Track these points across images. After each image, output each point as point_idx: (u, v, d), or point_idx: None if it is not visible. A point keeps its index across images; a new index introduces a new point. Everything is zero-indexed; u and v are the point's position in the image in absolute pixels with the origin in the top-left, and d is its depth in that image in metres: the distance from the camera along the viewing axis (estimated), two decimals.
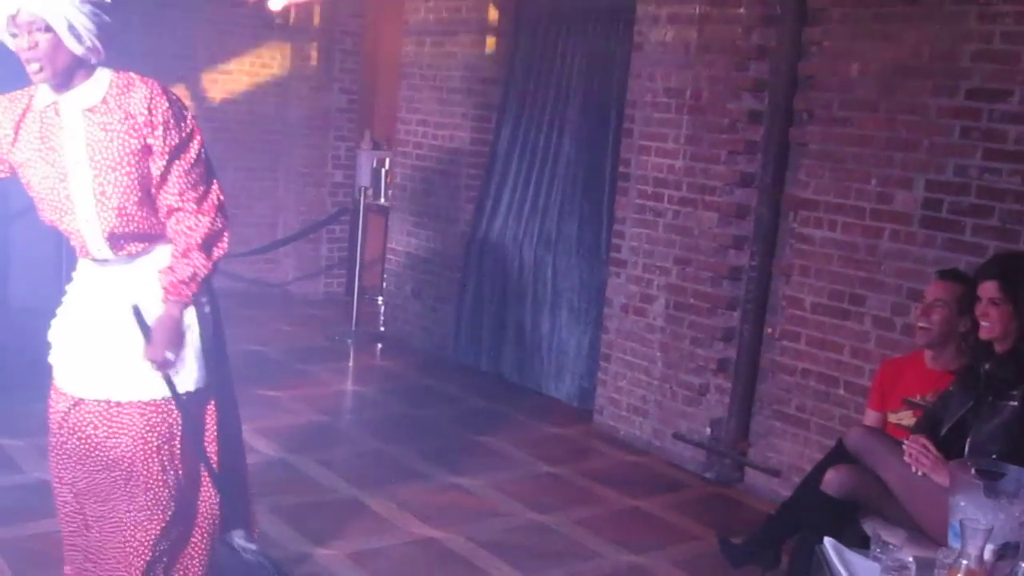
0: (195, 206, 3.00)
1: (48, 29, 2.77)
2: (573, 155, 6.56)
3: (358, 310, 7.78)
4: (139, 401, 3.04)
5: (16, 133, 2.96)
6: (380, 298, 8.14)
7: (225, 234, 3.07)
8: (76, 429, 3.06)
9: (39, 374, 6.22)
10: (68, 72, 2.86)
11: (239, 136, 8.63)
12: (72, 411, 3.07)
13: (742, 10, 5.26)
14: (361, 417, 6.19)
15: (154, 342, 2.98)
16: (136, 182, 2.92)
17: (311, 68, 8.80)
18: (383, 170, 8.30)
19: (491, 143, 7.14)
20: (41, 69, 2.82)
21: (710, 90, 5.43)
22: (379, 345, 7.71)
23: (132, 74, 2.97)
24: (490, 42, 7.07)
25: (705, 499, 5.26)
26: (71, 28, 2.78)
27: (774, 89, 5.17)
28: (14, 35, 2.83)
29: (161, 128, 2.90)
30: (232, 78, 8.63)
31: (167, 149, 2.93)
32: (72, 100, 2.91)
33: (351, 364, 7.28)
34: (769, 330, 5.28)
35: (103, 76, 2.92)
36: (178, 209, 2.99)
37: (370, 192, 8.11)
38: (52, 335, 3.15)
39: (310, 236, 8.79)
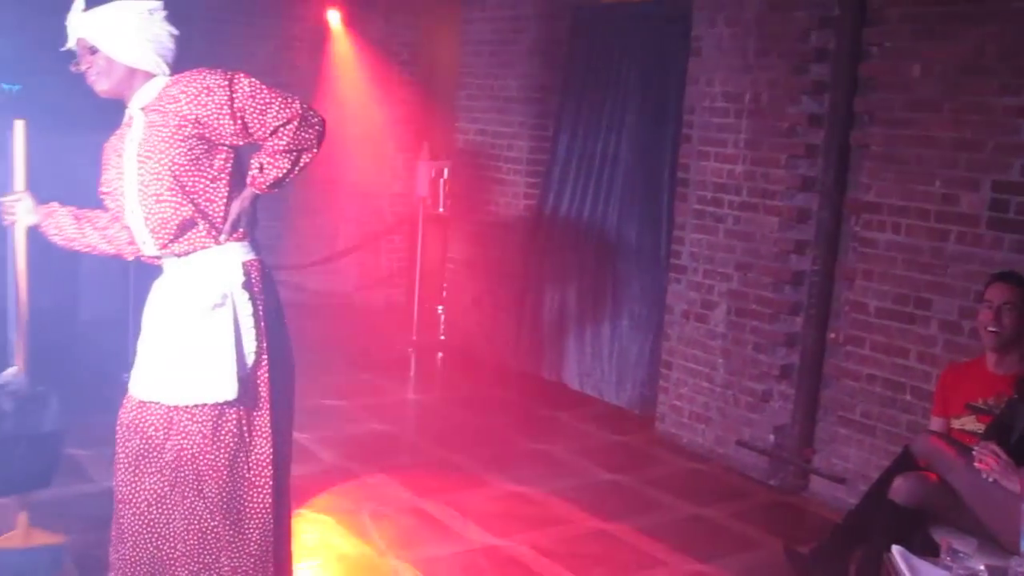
0: (270, 133, 3.12)
1: (95, 49, 3.08)
2: (631, 161, 6.55)
3: (419, 319, 7.82)
4: (187, 405, 3.10)
5: (106, 155, 3.24)
6: (440, 307, 8.18)
7: (309, 130, 3.19)
8: (139, 431, 3.14)
9: (107, 385, 6.34)
10: (127, 81, 3.12)
11: None
12: (136, 413, 3.15)
13: (800, 12, 5.22)
14: (423, 425, 6.22)
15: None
16: (167, 168, 3.04)
17: (369, 79, 8.86)
18: (442, 180, 8.34)
19: (549, 151, 7.15)
20: (98, 83, 3.11)
21: (769, 94, 5.39)
22: (440, 354, 7.75)
23: (185, 73, 3.14)
24: (546, 50, 7.08)
25: (769, 507, 5.20)
26: (113, 42, 3.06)
27: (834, 92, 5.11)
28: (77, 64, 3.12)
29: (204, 95, 3.04)
30: (291, 91, 8.70)
31: (218, 106, 3.04)
32: (134, 104, 3.15)
33: (412, 373, 7.32)
34: (832, 335, 5.21)
35: (160, 80, 3.14)
36: (263, 139, 3.14)
37: (429, 202, 8.16)
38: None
39: (370, 246, 8.86)
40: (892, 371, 4.88)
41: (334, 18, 8.63)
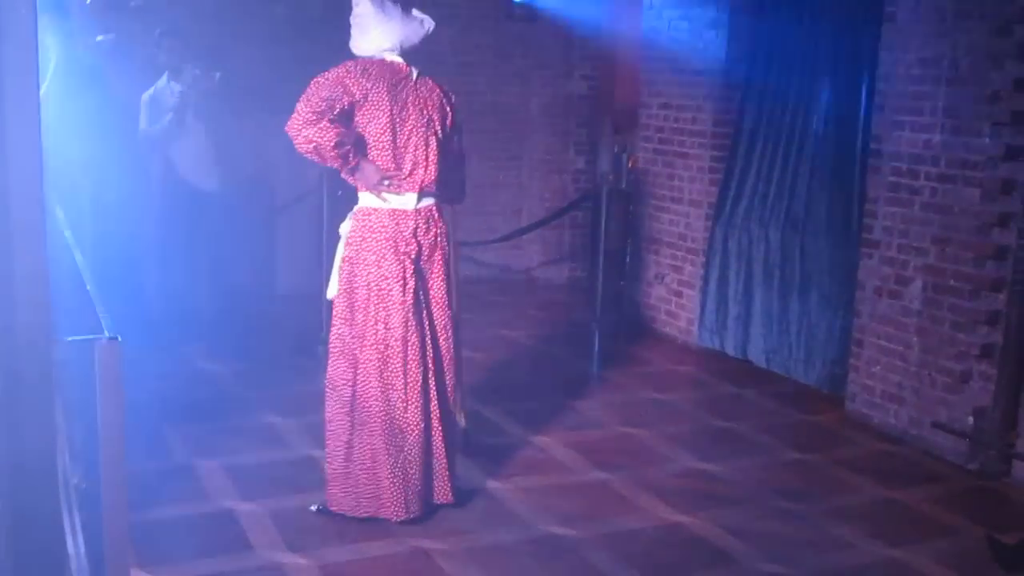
0: None
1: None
2: (820, 133, 6.35)
3: (602, 295, 7.82)
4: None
5: None
6: (623, 283, 8.15)
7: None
8: None
9: (303, 356, 6.64)
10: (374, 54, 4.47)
11: (482, 127, 8.85)
12: None
13: None
14: (606, 401, 6.22)
15: None
16: None
17: (551, 56, 8.90)
18: (624, 155, 8.30)
19: (734, 123, 7.01)
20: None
21: (969, 59, 5.12)
22: (622, 330, 7.73)
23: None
24: (731, 22, 6.93)
25: (968, 492, 4.98)
26: (356, 23, 4.45)
27: None
28: None
29: None
30: (475, 70, 8.85)
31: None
32: None
33: (595, 349, 7.33)
34: None
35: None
36: None
37: (612, 177, 8.13)
38: None
39: (553, 223, 8.90)
40: None
41: None
